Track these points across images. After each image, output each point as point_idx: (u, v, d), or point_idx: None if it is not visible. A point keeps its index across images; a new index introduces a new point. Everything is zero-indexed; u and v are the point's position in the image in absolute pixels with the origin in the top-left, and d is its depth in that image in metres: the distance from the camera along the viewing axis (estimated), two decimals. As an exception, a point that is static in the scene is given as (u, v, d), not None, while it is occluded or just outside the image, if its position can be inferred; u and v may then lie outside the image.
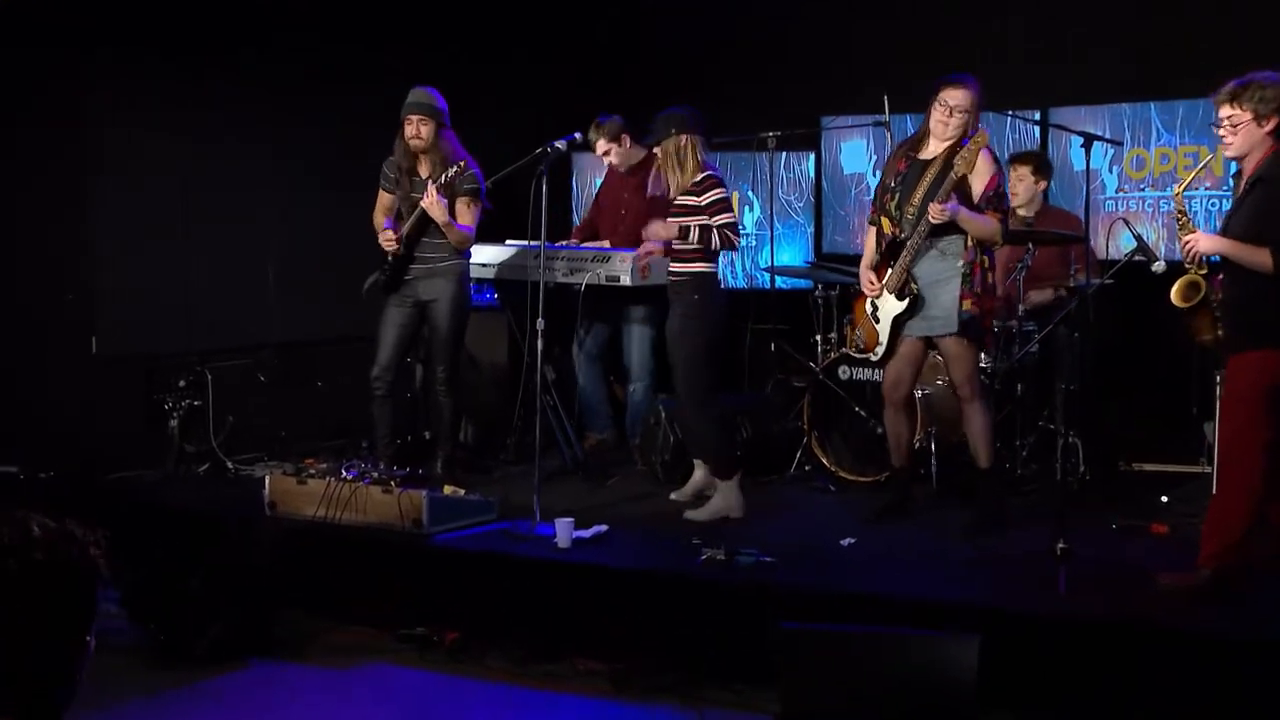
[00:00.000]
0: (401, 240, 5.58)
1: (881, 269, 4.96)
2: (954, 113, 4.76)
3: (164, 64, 6.07)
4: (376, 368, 5.68)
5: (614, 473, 5.98)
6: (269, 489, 5.15)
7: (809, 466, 5.82)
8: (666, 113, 5.11)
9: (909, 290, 4.87)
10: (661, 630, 4.40)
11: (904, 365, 5.02)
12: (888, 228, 4.90)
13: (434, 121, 5.54)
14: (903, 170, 4.88)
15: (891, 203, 4.87)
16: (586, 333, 6.39)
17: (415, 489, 4.90)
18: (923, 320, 4.89)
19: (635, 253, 5.62)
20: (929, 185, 4.78)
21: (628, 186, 6.31)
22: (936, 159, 4.81)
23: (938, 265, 4.84)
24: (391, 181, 5.67)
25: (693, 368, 5.11)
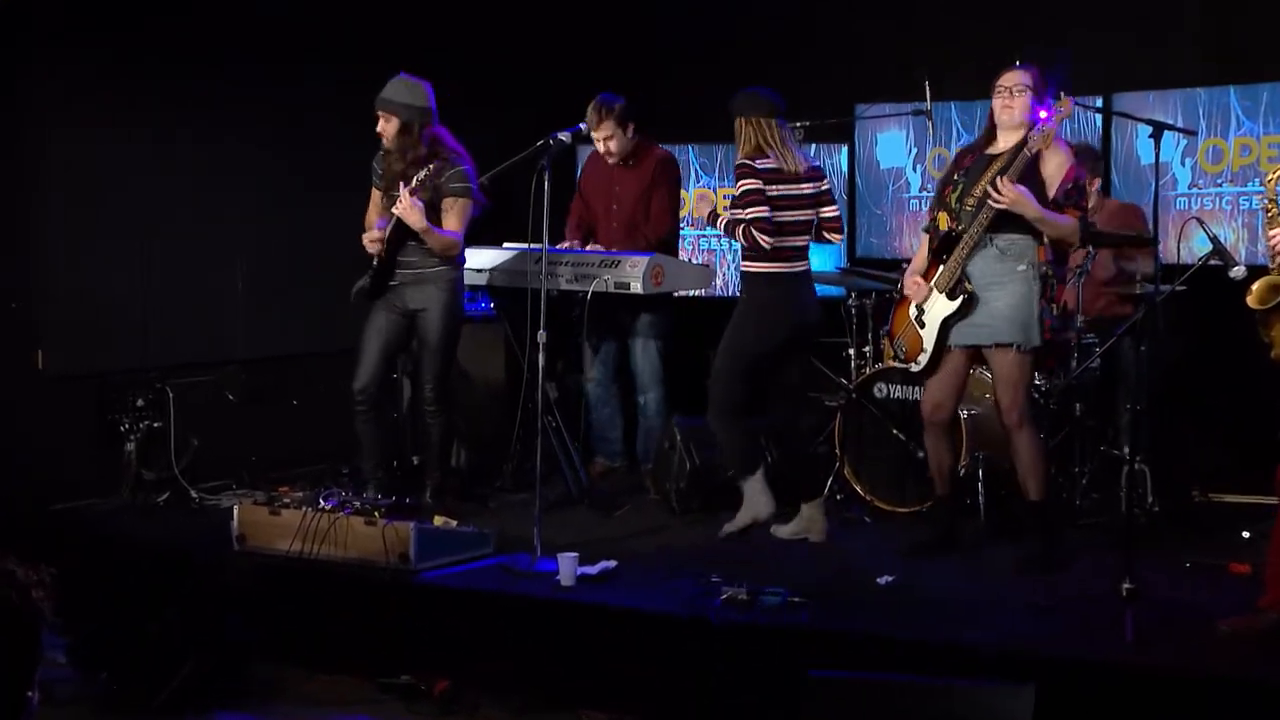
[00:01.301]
0: (384, 242, 5.58)
1: (931, 270, 4.96)
2: (1014, 94, 4.80)
3: (121, 57, 6.09)
4: (358, 381, 5.68)
5: (623, 502, 5.98)
6: (237, 520, 5.16)
7: (841, 495, 5.81)
8: (736, 94, 5.15)
9: (962, 289, 4.85)
10: (676, 678, 4.39)
11: (946, 383, 5.02)
12: (944, 223, 4.91)
13: (398, 118, 5.53)
14: (968, 164, 4.91)
15: (953, 195, 4.88)
16: (594, 346, 6.40)
17: (402, 520, 4.89)
18: (971, 327, 4.89)
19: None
20: (995, 175, 4.78)
21: (618, 179, 6.32)
22: (1004, 153, 4.83)
23: (995, 266, 4.83)
24: (379, 178, 5.70)
25: (722, 377, 5.15)
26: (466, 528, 5.12)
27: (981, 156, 4.90)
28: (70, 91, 6.01)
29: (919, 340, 5.01)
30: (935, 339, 4.93)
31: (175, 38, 6.19)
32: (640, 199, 6.27)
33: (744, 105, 5.12)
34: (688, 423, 5.89)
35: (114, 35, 6.04)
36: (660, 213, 6.27)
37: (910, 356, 5.07)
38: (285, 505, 5.09)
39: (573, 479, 6.02)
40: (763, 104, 5.12)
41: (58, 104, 5.99)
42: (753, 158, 5.08)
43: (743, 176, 5.06)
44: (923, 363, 5.01)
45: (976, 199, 4.79)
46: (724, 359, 5.18)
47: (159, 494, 5.99)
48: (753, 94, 5.16)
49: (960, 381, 5.04)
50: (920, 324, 5.00)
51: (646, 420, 6.40)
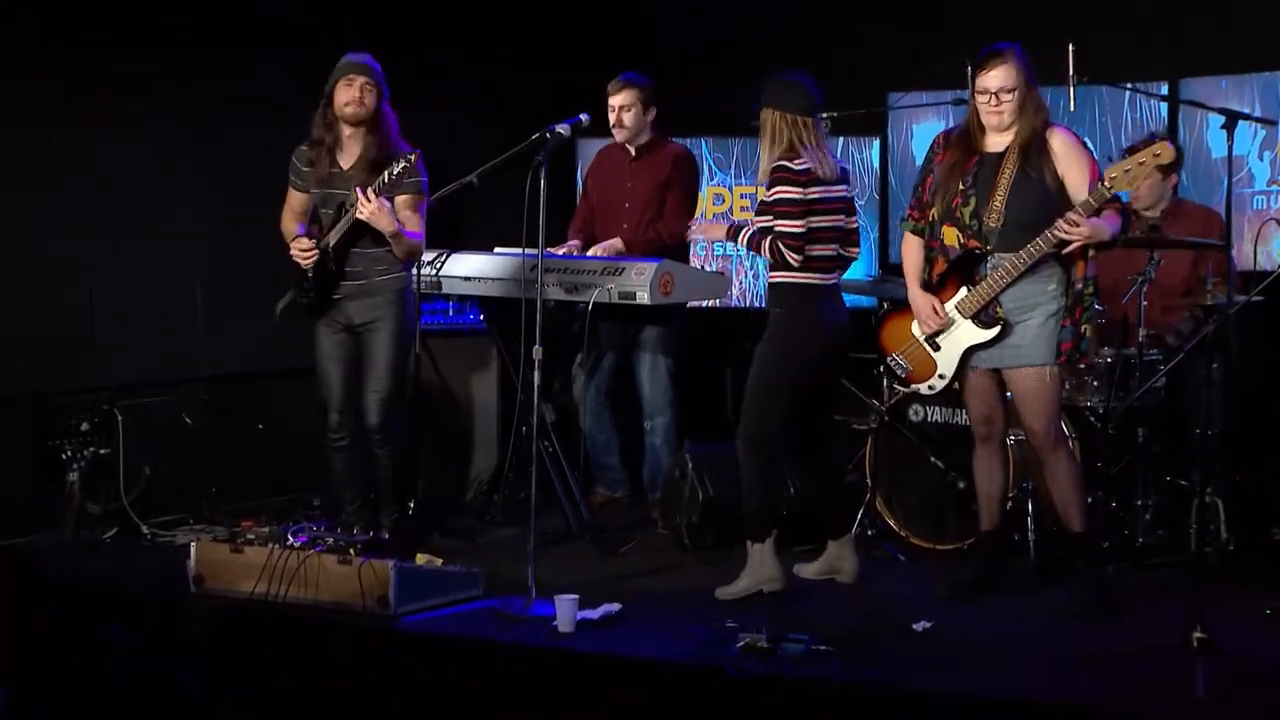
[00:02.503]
0: (328, 251, 5.55)
1: (947, 288, 4.99)
2: (1000, 97, 4.85)
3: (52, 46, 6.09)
4: (333, 414, 5.68)
5: (628, 537, 5.99)
6: (195, 559, 5.15)
7: (872, 530, 5.81)
8: (770, 80, 5.13)
9: (995, 316, 4.89)
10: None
11: (987, 396, 5.04)
12: (954, 239, 4.93)
13: (379, 89, 5.51)
14: (972, 169, 4.92)
15: (965, 209, 4.90)
16: (594, 363, 6.41)
17: (380, 558, 4.89)
18: (998, 350, 4.93)
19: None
20: (1011, 184, 4.83)
21: (629, 172, 6.33)
22: (1011, 151, 4.86)
23: (1027, 288, 4.89)
24: (304, 176, 5.65)
25: (754, 398, 5.13)
26: (453, 567, 5.12)
27: (986, 158, 4.91)
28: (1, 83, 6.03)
29: (929, 363, 5.05)
30: (957, 364, 4.98)
31: (117, 22, 6.21)
32: (654, 197, 6.29)
33: (779, 96, 5.07)
34: (700, 449, 5.90)
35: (42, 22, 6.05)
36: (675, 211, 6.29)
37: (915, 379, 5.10)
38: (249, 542, 5.08)
39: (572, 512, 6.02)
40: (802, 98, 5.07)
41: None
42: (788, 158, 5.05)
43: (779, 182, 5.03)
44: (938, 387, 5.05)
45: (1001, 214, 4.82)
46: (758, 383, 5.14)
47: (105, 530, 5.99)
48: (790, 84, 5.09)
49: (1000, 393, 5.05)
50: (934, 345, 5.03)
51: (654, 447, 6.40)
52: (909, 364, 5.11)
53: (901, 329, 5.14)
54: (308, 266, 5.58)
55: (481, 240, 6.39)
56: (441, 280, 6.17)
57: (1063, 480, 4.91)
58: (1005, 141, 4.89)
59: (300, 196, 5.69)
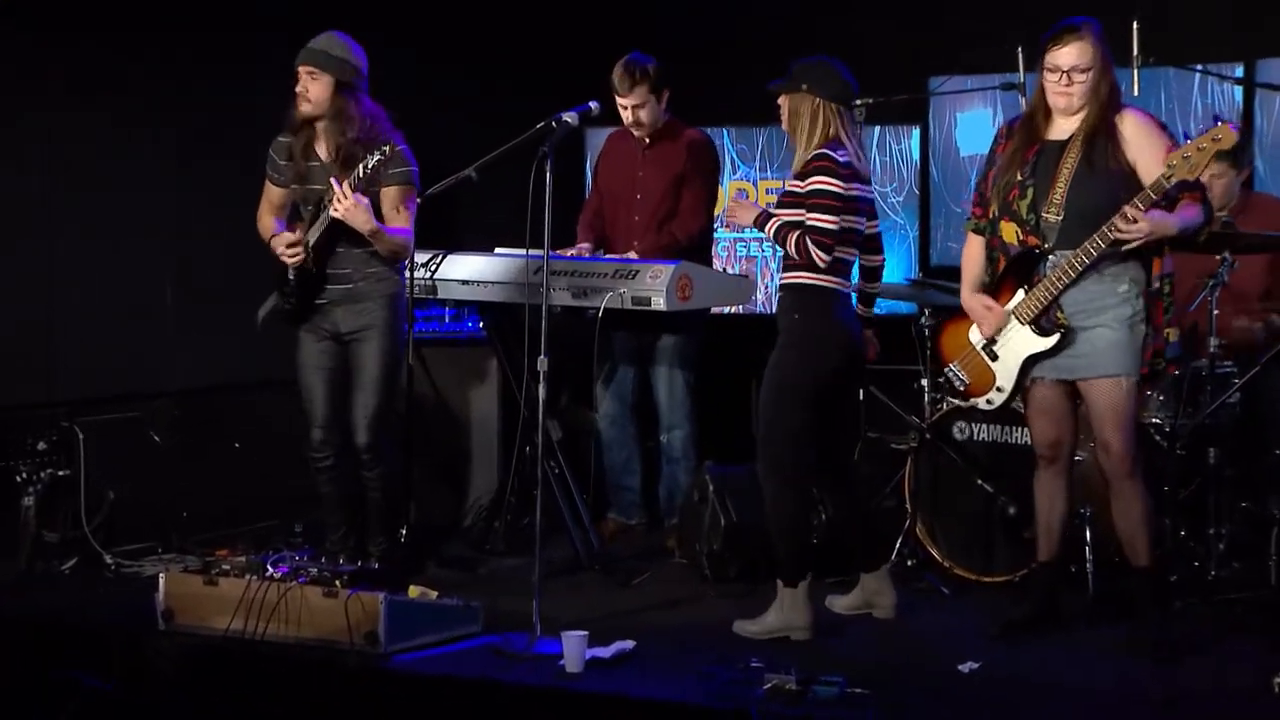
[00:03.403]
0: (308, 251, 5.55)
1: (1004, 291, 4.97)
2: (1072, 77, 4.82)
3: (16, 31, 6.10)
4: (316, 431, 5.67)
5: (643, 568, 5.99)
6: (164, 592, 5.13)
7: (913, 561, 5.80)
8: (804, 61, 5.13)
9: (1056, 322, 4.86)
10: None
11: (1055, 412, 5.01)
12: (1013, 236, 4.92)
13: (330, 76, 5.47)
14: (1032, 159, 4.91)
15: (1022, 202, 4.89)
16: (605, 375, 6.41)
17: (369, 590, 4.88)
18: (1067, 359, 4.90)
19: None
20: (1073, 175, 4.81)
21: (641, 161, 6.33)
22: (1075, 138, 4.85)
23: (1092, 290, 4.86)
24: (282, 170, 5.64)
25: (772, 414, 5.12)
26: (449, 599, 5.11)
27: (1047, 146, 4.90)
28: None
29: (988, 374, 5.03)
30: (1016, 376, 4.95)
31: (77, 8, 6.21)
32: (670, 190, 6.29)
33: (818, 79, 5.06)
34: (721, 470, 5.89)
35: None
36: (692, 207, 6.28)
37: (974, 392, 5.09)
38: (224, 573, 5.06)
39: (580, 539, 6.01)
40: (841, 86, 5.08)
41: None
42: (831, 147, 5.06)
43: (821, 173, 5.01)
44: (997, 401, 5.03)
45: (1061, 207, 4.80)
46: (773, 402, 5.12)
47: (64, 560, 5.97)
48: (828, 67, 5.09)
49: (1072, 411, 5.03)
50: (991, 354, 5.01)
51: (671, 467, 6.40)
52: (967, 375, 5.09)
53: (959, 336, 5.12)
54: (294, 265, 5.57)
55: (481, 240, 6.39)
56: (437, 284, 6.17)
57: (1134, 510, 4.88)
58: (1071, 127, 4.87)
59: (278, 191, 5.69)
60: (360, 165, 5.37)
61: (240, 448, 6.54)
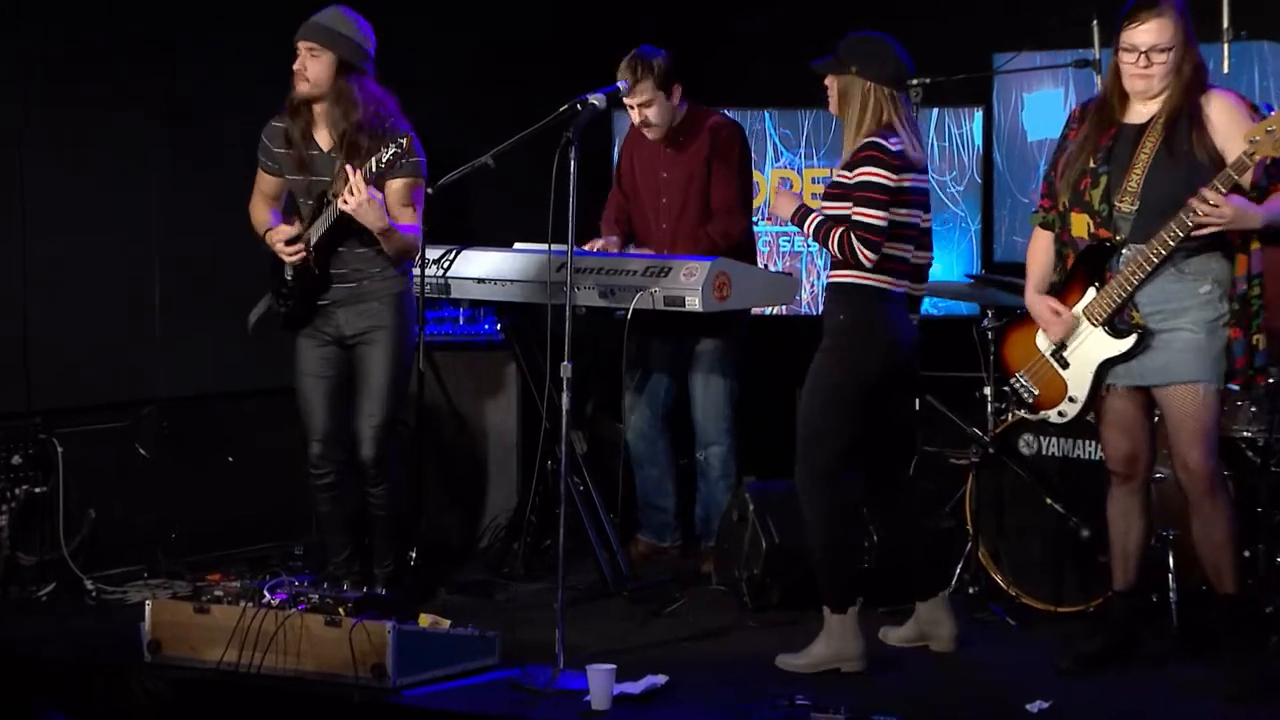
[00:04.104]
0: (310, 250, 5.54)
1: (1073, 290, 4.95)
2: (1151, 57, 4.80)
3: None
4: (315, 445, 5.66)
5: (676, 594, 5.99)
6: (151, 621, 5.13)
7: (975, 588, 5.79)
8: (853, 38, 5.11)
9: (1132, 322, 4.84)
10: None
11: (1131, 426, 4.99)
12: (1084, 229, 4.91)
13: (332, 54, 5.45)
14: (1107, 144, 4.89)
15: (1094, 191, 4.87)
16: (636, 383, 6.41)
17: (376, 619, 4.87)
18: (1141, 364, 4.89)
19: None
20: (1151, 162, 4.79)
21: (663, 159, 6.33)
22: (1156, 121, 4.84)
23: (1171, 288, 4.84)
24: (278, 159, 5.64)
25: (811, 422, 5.11)
26: (464, 629, 5.11)
27: (1124, 130, 4.88)
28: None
29: (1059, 383, 5.01)
30: (1090, 384, 4.94)
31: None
32: (696, 189, 6.28)
33: (867, 59, 5.04)
34: (764, 488, 5.89)
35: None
36: (726, 202, 6.27)
37: (1044, 404, 5.07)
38: (216, 599, 5.07)
39: (608, 563, 6.01)
40: (896, 67, 5.06)
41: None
42: (882, 135, 5.03)
43: (869, 163, 4.99)
44: (1070, 413, 5.01)
45: (1136, 195, 4.78)
46: (815, 407, 5.13)
47: (41, 585, 5.98)
48: (880, 45, 5.07)
49: (1148, 423, 5.01)
50: (1061, 361, 5.00)
51: (708, 484, 6.41)
52: (1037, 386, 5.07)
53: (1025, 343, 5.10)
54: (293, 263, 5.56)
55: (498, 234, 6.39)
56: (450, 282, 6.18)
57: (1217, 531, 4.85)
58: (1151, 110, 4.85)
59: (272, 180, 5.69)
60: (373, 159, 5.35)
61: (234, 462, 6.55)
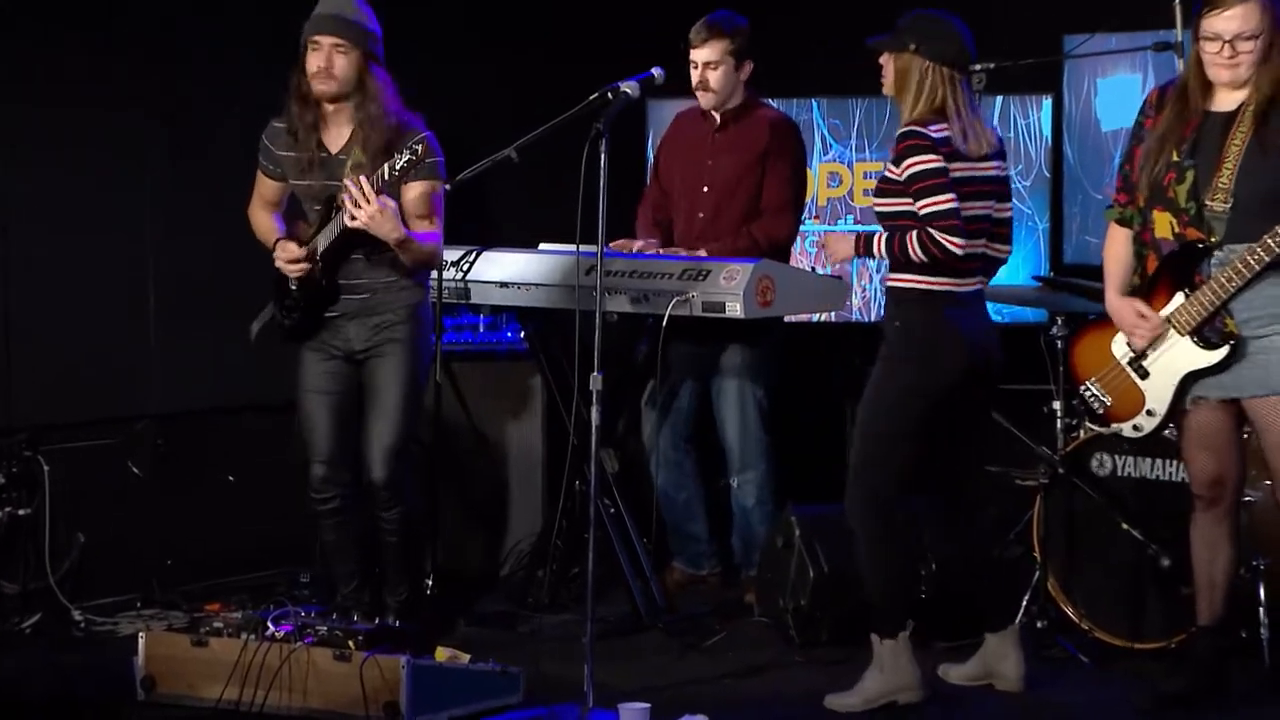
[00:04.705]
0: (316, 259, 5.53)
1: (1156, 296, 4.94)
2: (1237, 46, 4.80)
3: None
4: (318, 467, 5.66)
5: (716, 627, 5.99)
6: (144, 655, 5.14)
7: (1044, 621, 5.77)
8: (914, 14, 5.10)
9: (1224, 331, 4.83)
10: None
11: (1219, 445, 4.97)
12: (1168, 229, 4.90)
13: (359, 50, 5.46)
14: (1191, 135, 4.88)
15: (1180, 187, 4.86)
16: (671, 396, 6.40)
17: (389, 653, 4.87)
18: (1234, 374, 4.88)
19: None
20: (1243, 154, 4.78)
21: (713, 146, 6.32)
22: (1245, 110, 4.83)
23: (1270, 292, 4.84)
24: (281, 162, 5.63)
25: (869, 440, 5.11)
26: (484, 663, 5.11)
27: (1211, 118, 4.87)
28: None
29: (1135, 394, 5.01)
30: (1172, 397, 4.93)
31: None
32: (745, 181, 6.27)
33: (928, 37, 5.02)
34: (810, 511, 5.88)
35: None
36: (777, 201, 6.25)
37: (1117, 415, 5.07)
38: (215, 632, 5.08)
39: (641, 592, 6.02)
40: (958, 50, 5.04)
41: None
42: (925, 121, 5.01)
43: (912, 152, 4.98)
44: (1146, 427, 5.02)
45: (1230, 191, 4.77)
46: (872, 423, 5.12)
47: (25, 616, 5.97)
48: (943, 24, 5.05)
49: (1237, 440, 5.00)
50: (1140, 371, 5.00)
51: (744, 514, 6.39)
52: (1109, 396, 5.06)
53: (1098, 349, 5.09)
54: (297, 279, 5.56)
55: (521, 234, 6.40)
56: (469, 287, 6.18)
57: None
58: (1239, 98, 4.84)
59: (273, 184, 5.69)
60: (386, 164, 5.33)
61: (235, 481, 6.56)
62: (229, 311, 6.19)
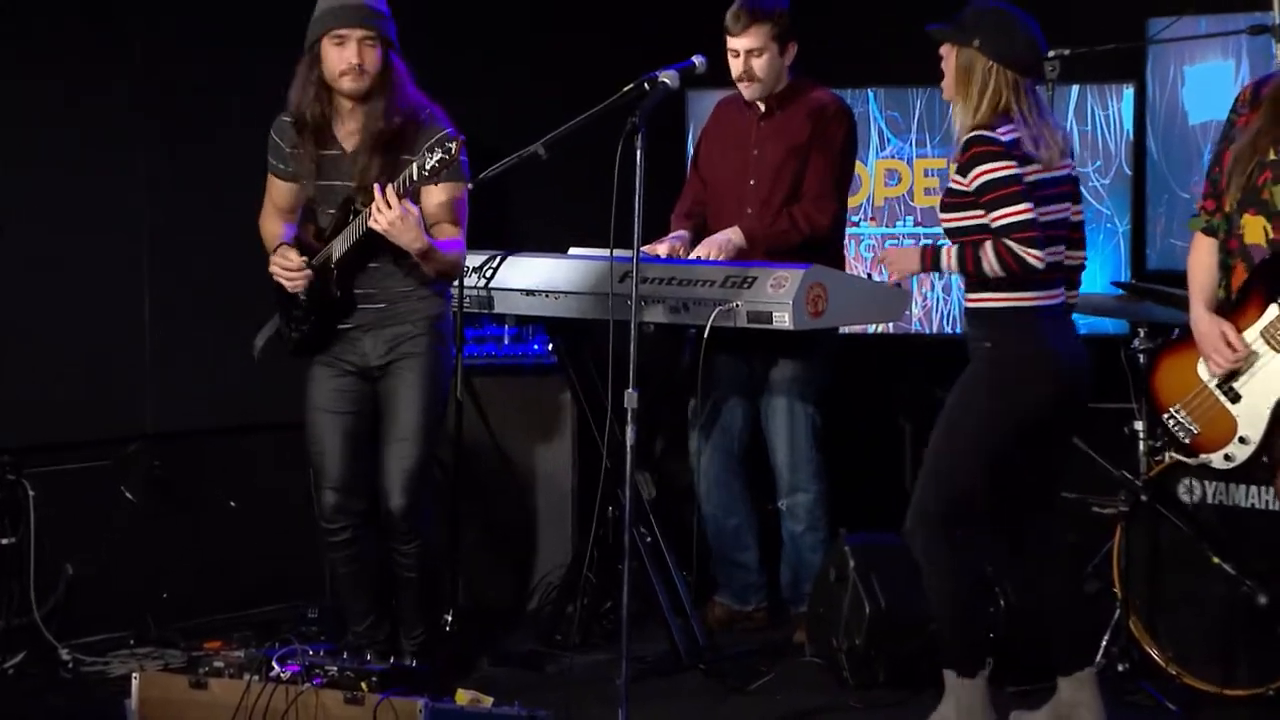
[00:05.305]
0: (329, 267, 5.51)
1: (1247, 309, 4.91)
2: None
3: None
4: (329, 494, 5.65)
5: (762, 667, 5.99)
6: (138, 698, 5.14)
7: (1125, 665, 5.75)
8: (981, 7, 5.09)
9: None
10: None
11: None
12: (1261, 235, 4.87)
13: (383, 41, 5.46)
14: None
15: (1276, 188, 4.84)
16: (717, 413, 6.41)
17: (405, 695, 4.87)
18: None
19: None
20: None
21: (758, 135, 6.33)
22: None
23: None
24: (291, 160, 5.61)
25: (941, 465, 5.11)
26: (508, 707, 5.06)
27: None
28: None
29: (1226, 420, 4.98)
30: (1268, 422, 4.90)
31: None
32: (791, 168, 6.25)
33: (994, 33, 5.01)
34: (865, 540, 5.87)
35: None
36: (818, 188, 6.25)
37: (1206, 445, 5.03)
38: (216, 672, 5.08)
39: (680, 630, 6.01)
40: (1022, 46, 5.03)
41: None
42: (991, 125, 5.00)
43: (982, 160, 4.96)
44: (1239, 457, 4.97)
45: None
46: (950, 445, 5.11)
47: (7, 655, 5.99)
48: (1011, 21, 5.04)
49: None
50: (1230, 394, 4.98)
51: (794, 539, 6.40)
52: (1196, 423, 5.02)
53: (1184, 370, 5.05)
54: (295, 290, 5.54)
55: (549, 237, 6.41)
56: (493, 295, 6.19)
57: None
58: None
59: (285, 187, 5.67)
60: (413, 165, 5.30)
61: (236, 508, 6.57)
62: (231, 321, 6.20)
